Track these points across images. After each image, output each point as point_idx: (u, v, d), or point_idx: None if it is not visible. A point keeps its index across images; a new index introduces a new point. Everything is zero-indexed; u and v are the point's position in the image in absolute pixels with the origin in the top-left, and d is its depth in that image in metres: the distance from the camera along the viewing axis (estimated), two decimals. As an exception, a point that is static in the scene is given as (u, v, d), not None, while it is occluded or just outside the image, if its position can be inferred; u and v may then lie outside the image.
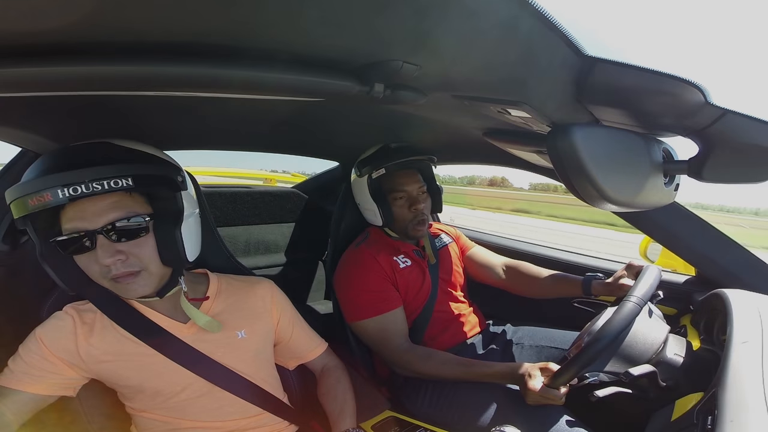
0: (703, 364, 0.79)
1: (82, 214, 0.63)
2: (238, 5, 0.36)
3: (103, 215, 0.64)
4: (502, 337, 1.25)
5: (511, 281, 1.27)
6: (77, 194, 0.60)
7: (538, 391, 0.85)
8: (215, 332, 0.76)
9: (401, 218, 1.17)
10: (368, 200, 1.17)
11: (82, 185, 0.60)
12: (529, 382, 0.87)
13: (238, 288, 0.85)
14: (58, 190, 0.59)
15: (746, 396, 0.54)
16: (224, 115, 0.94)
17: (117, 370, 0.72)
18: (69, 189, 0.59)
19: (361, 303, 1.09)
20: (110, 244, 0.64)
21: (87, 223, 0.63)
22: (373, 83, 0.56)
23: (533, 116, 0.63)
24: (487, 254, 1.37)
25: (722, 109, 0.53)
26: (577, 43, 0.48)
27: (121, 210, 0.65)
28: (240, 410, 0.77)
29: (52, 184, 0.59)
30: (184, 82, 0.48)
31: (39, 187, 0.59)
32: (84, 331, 0.72)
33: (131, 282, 0.66)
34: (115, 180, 0.62)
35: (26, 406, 0.67)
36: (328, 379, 0.92)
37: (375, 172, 1.14)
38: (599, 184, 0.53)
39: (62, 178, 0.60)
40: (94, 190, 0.60)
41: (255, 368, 0.81)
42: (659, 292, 0.92)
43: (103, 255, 0.63)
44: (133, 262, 0.66)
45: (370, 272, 1.11)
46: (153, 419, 0.75)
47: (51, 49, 0.41)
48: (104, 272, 0.65)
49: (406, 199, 1.17)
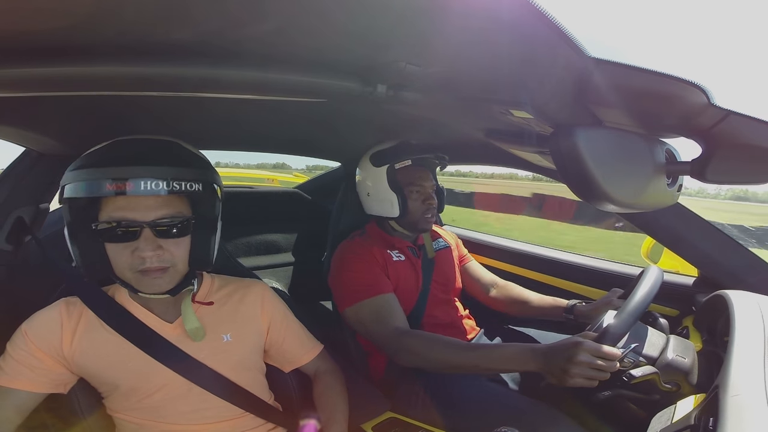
0: (705, 365, 0.79)
1: (136, 206, 0.66)
2: (240, 7, 0.36)
3: (155, 210, 0.67)
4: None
5: (498, 301, 1.32)
6: (157, 189, 0.64)
7: (592, 350, 0.72)
8: (197, 341, 0.76)
9: (414, 210, 1.18)
10: (386, 190, 1.17)
11: (164, 182, 0.64)
12: (578, 346, 0.73)
13: (229, 290, 0.85)
14: (141, 182, 0.63)
15: (748, 397, 0.54)
16: (225, 116, 0.94)
17: (97, 366, 0.72)
18: (152, 183, 0.63)
19: (352, 288, 1.08)
20: (153, 239, 0.67)
21: (138, 215, 0.66)
22: (376, 84, 0.56)
23: (536, 117, 0.63)
24: (480, 271, 1.40)
25: (725, 110, 0.53)
26: (580, 44, 0.48)
27: (170, 208, 0.69)
28: (217, 413, 0.77)
29: (139, 174, 0.63)
30: (186, 83, 0.48)
31: (126, 174, 0.63)
32: (70, 325, 0.72)
33: (159, 277, 0.69)
34: (191, 183, 0.67)
35: (23, 404, 0.68)
36: (320, 384, 0.91)
37: (399, 163, 1.15)
38: (602, 185, 0.53)
39: (148, 171, 0.64)
40: (173, 189, 0.65)
41: (237, 372, 0.80)
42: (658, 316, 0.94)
43: (145, 247, 0.66)
44: (167, 258, 0.68)
45: (361, 260, 1.11)
46: (128, 421, 0.75)
47: (51, 49, 0.42)
48: (136, 264, 0.67)
49: (421, 193, 1.19)
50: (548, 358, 0.78)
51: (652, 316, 0.94)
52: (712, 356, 0.81)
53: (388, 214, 1.19)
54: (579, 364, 0.72)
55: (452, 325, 1.22)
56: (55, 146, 0.89)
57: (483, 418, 0.93)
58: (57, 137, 0.86)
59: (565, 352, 0.75)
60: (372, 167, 1.20)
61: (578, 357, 0.72)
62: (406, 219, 1.19)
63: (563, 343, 0.77)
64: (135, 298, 0.76)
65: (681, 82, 0.49)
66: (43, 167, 0.93)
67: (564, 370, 0.74)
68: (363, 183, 1.25)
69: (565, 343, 0.76)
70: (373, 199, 1.22)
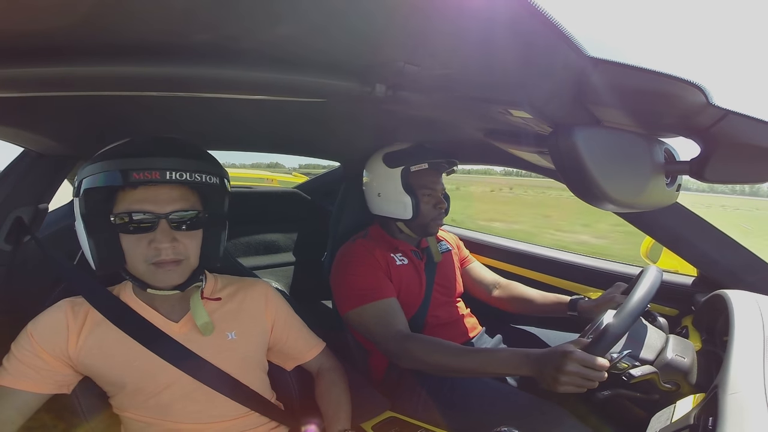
0: (704, 365, 0.79)
1: (154, 198, 0.68)
2: (240, 7, 0.36)
3: (173, 203, 0.69)
4: (496, 342, 1.27)
5: (501, 300, 1.33)
6: (182, 180, 0.67)
7: (580, 360, 0.74)
8: (206, 335, 0.76)
9: (425, 214, 1.18)
10: (399, 192, 1.17)
11: (186, 173, 0.67)
12: (567, 356, 0.75)
13: (232, 289, 0.85)
14: (167, 172, 0.65)
15: (747, 397, 0.54)
16: (225, 116, 0.94)
17: (103, 365, 0.72)
18: (176, 173, 0.66)
19: (354, 291, 1.08)
20: (170, 231, 0.69)
21: (156, 207, 0.68)
22: (375, 84, 0.56)
23: (535, 117, 0.63)
24: (482, 271, 1.41)
25: (724, 110, 0.53)
26: (578, 44, 0.48)
27: (186, 202, 0.71)
28: (222, 413, 0.77)
29: (163, 165, 0.65)
30: (185, 83, 0.48)
31: (151, 165, 0.65)
32: (76, 326, 0.72)
33: (172, 270, 0.70)
34: (209, 176, 0.70)
35: (26, 405, 0.68)
36: (324, 381, 0.91)
37: (415, 166, 1.16)
38: (601, 185, 0.53)
39: (171, 162, 0.66)
40: (195, 179, 0.68)
41: (242, 370, 0.80)
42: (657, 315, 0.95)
43: (162, 238, 0.68)
44: (181, 251, 0.70)
45: (364, 264, 1.11)
46: (134, 419, 0.75)
47: (51, 49, 0.42)
48: (151, 255, 0.68)
49: (433, 197, 1.19)
50: (540, 364, 0.80)
51: (651, 316, 0.95)
52: (712, 356, 0.81)
53: (399, 215, 1.19)
54: (568, 374, 0.74)
55: (454, 324, 1.22)
56: (54, 146, 0.89)
57: (483, 417, 0.93)
58: (56, 138, 0.86)
59: (554, 361, 0.76)
60: (385, 168, 1.19)
61: (567, 367, 0.74)
62: (416, 221, 1.19)
63: (554, 351, 0.79)
64: (141, 297, 0.76)
65: (680, 81, 0.49)
66: (43, 167, 0.93)
67: (554, 378, 0.76)
68: (373, 183, 1.24)
69: (556, 352, 0.78)
70: (383, 200, 1.21)
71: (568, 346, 0.78)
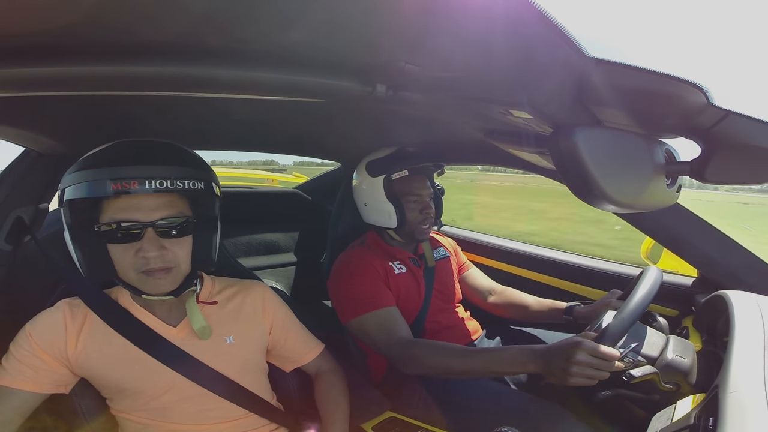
0: (704, 365, 0.79)
1: (138, 207, 0.66)
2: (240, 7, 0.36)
3: (158, 211, 0.67)
4: (496, 344, 1.27)
5: (497, 307, 1.32)
6: (162, 188, 0.64)
7: (590, 350, 0.72)
8: (203, 339, 0.76)
9: (412, 220, 1.17)
10: (383, 201, 1.16)
11: (168, 181, 0.65)
12: (577, 346, 0.74)
13: (230, 292, 0.85)
14: (146, 181, 0.63)
15: (748, 397, 0.54)
16: (225, 116, 0.94)
17: (102, 369, 0.72)
18: (156, 182, 0.64)
19: (354, 301, 1.08)
20: (157, 239, 0.67)
21: (141, 215, 0.66)
22: (375, 84, 0.56)
23: (535, 117, 0.63)
24: (479, 278, 1.40)
25: (725, 110, 0.53)
26: (579, 44, 0.48)
27: (173, 209, 0.69)
28: (222, 414, 0.77)
29: (142, 174, 0.63)
30: (185, 83, 0.48)
31: (129, 174, 0.63)
32: (74, 328, 0.72)
33: (162, 278, 0.69)
34: (193, 182, 0.67)
35: (24, 405, 0.68)
36: (322, 383, 0.91)
37: (396, 174, 1.15)
38: (601, 186, 0.53)
39: (151, 171, 0.64)
40: (177, 187, 0.65)
41: (241, 373, 0.80)
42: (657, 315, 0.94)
43: (149, 247, 0.66)
44: (170, 258, 0.69)
45: (363, 273, 1.11)
46: (133, 421, 0.75)
47: (51, 49, 0.42)
48: (140, 264, 0.67)
49: (419, 202, 1.18)
50: (548, 358, 0.79)
51: (651, 317, 0.94)
52: (712, 356, 0.81)
53: (386, 224, 1.19)
54: (578, 364, 0.73)
55: (455, 328, 1.22)
56: (54, 146, 0.89)
57: (483, 418, 0.93)
58: (56, 137, 0.86)
59: (564, 352, 0.75)
60: (368, 177, 1.19)
61: (577, 357, 0.73)
62: (404, 229, 1.18)
63: (563, 343, 0.78)
64: (138, 301, 0.76)
65: (680, 81, 0.49)
66: (43, 167, 0.93)
67: (564, 370, 0.74)
68: (360, 192, 1.24)
69: (565, 343, 0.77)
70: (370, 209, 1.21)
71: (577, 337, 0.77)
